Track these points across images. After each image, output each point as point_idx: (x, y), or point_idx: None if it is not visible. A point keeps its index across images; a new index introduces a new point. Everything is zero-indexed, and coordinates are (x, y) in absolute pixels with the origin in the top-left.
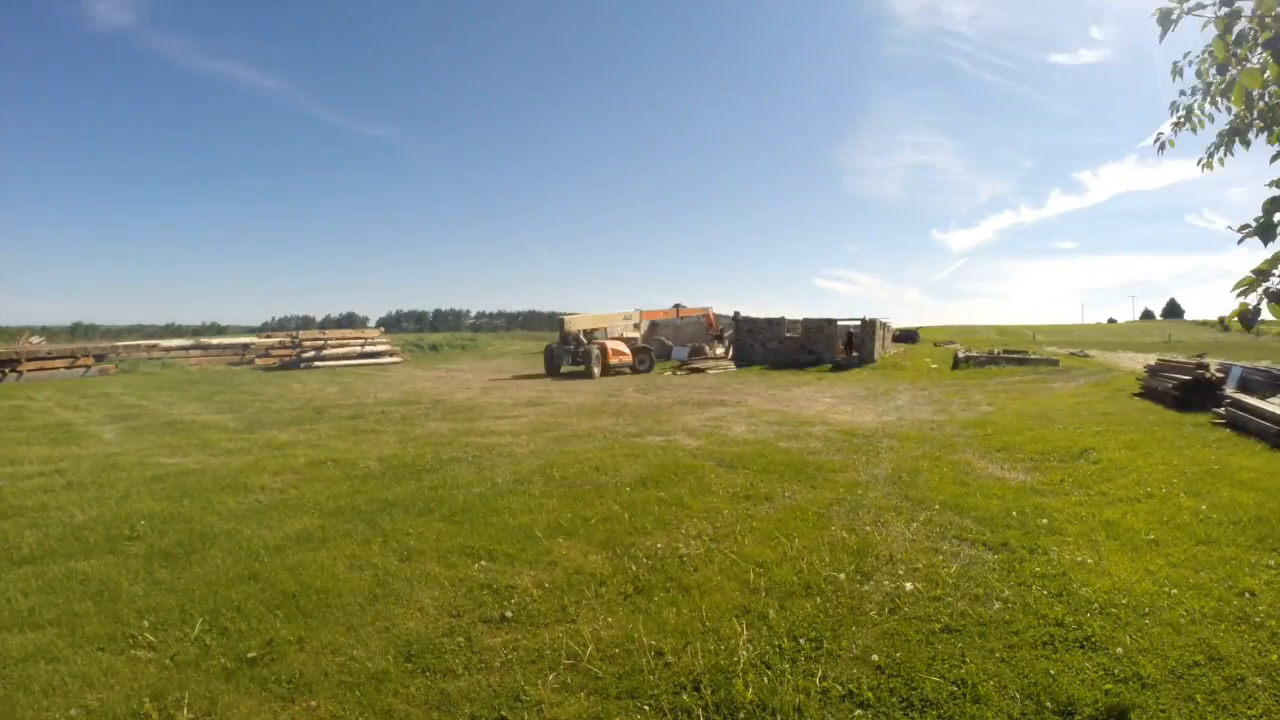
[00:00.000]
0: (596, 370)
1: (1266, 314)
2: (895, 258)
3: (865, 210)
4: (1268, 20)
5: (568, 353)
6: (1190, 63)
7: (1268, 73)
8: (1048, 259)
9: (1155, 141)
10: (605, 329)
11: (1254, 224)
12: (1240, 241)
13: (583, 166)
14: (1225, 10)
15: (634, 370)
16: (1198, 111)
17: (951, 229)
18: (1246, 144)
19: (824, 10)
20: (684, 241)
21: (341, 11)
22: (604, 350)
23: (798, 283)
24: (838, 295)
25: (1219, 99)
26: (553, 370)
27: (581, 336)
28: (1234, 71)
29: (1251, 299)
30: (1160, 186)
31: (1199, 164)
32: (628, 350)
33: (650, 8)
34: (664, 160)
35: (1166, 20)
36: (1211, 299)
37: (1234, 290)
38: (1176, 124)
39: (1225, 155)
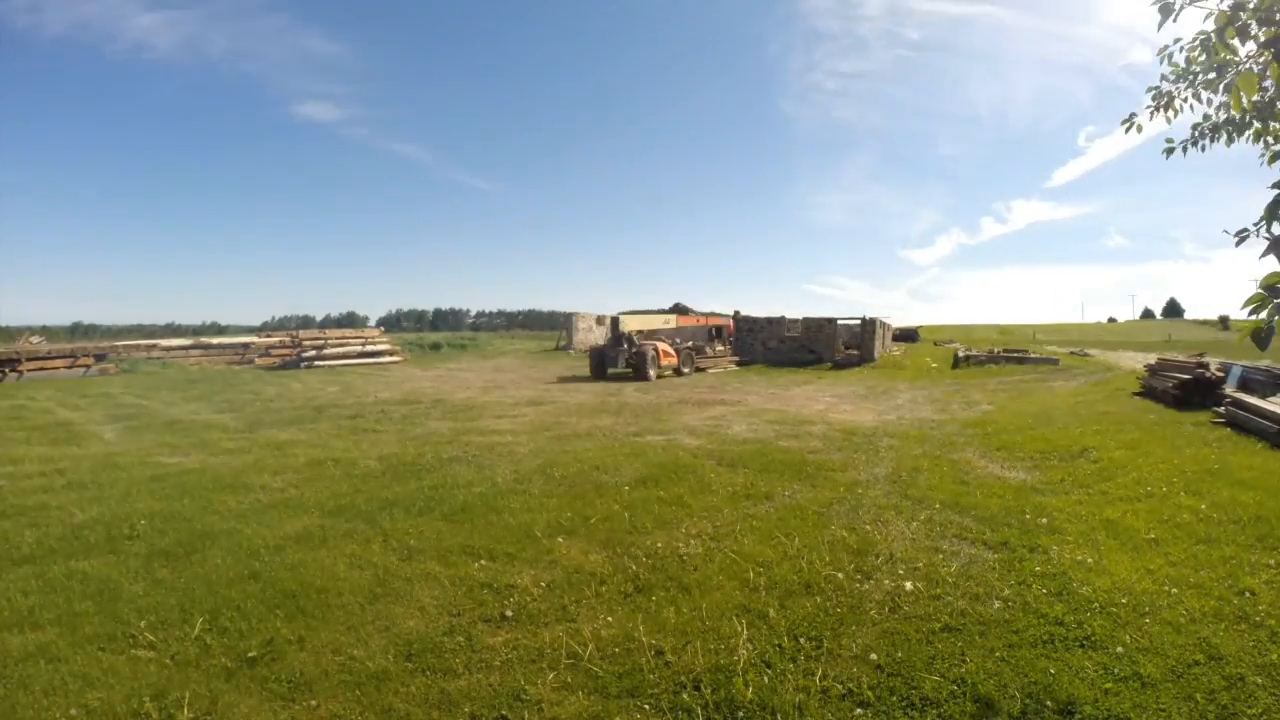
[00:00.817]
0: (652, 373)
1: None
2: (874, 268)
3: (828, 234)
4: (1272, 15)
5: (621, 354)
6: (1181, 49)
7: (1268, 80)
8: (1003, 269)
9: (1125, 122)
10: (655, 330)
11: (1252, 230)
12: (1238, 245)
13: (584, 178)
14: (1229, 3)
15: (677, 373)
16: (1178, 100)
17: (912, 247)
18: (1230, 141)
19: (738, 112)
20: (684, 247)
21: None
22: (657, 352)
23: (791, 289)
24: (831, 299)
25: (1203, 91)
26: (600, 373)
27: (635, 337)
28: (1231, 75)
29: (1264, 315)
30: (1063, 218)
31: (1166, 154)
32: (674, 352)
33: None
34: (662, 175)
35: (1168, 10)
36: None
37: (1244, 308)
38: (1153, 109)
39: (1200, 150)
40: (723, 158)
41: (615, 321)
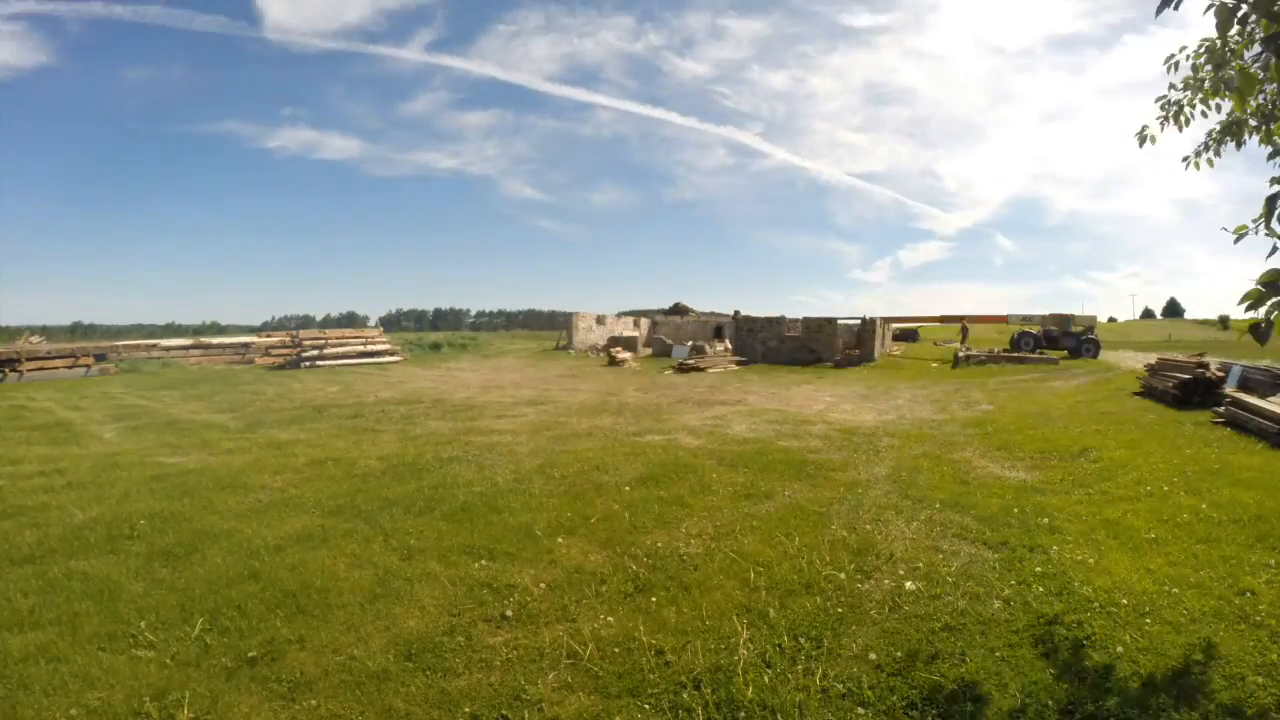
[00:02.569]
0: None
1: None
2: (840, 285)
3: (790, 264)
4: (1270, 7)
5: None
6: (1187, 57)
7: (1269, 82)
8: (933, 285)
9: (1139, 135)
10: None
11: (1252, 226)
12: (1236, 242)
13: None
14: None
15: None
16: (1188, 108)
17: (857, 273)
18: (1240, 143)
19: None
20: (681, 258)
21: None
22: None
23: (782, 298)
24: (814, 307)
25: (1211, 99)
26: None
27: None
28: (1231, 70)
29: (1261, 312)
30: (947, 258)
31: (1184, 163)
32: None
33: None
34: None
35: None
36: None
37: (1241, 304)
38: (1163, 119)
39: (1214, 155)
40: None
41: None
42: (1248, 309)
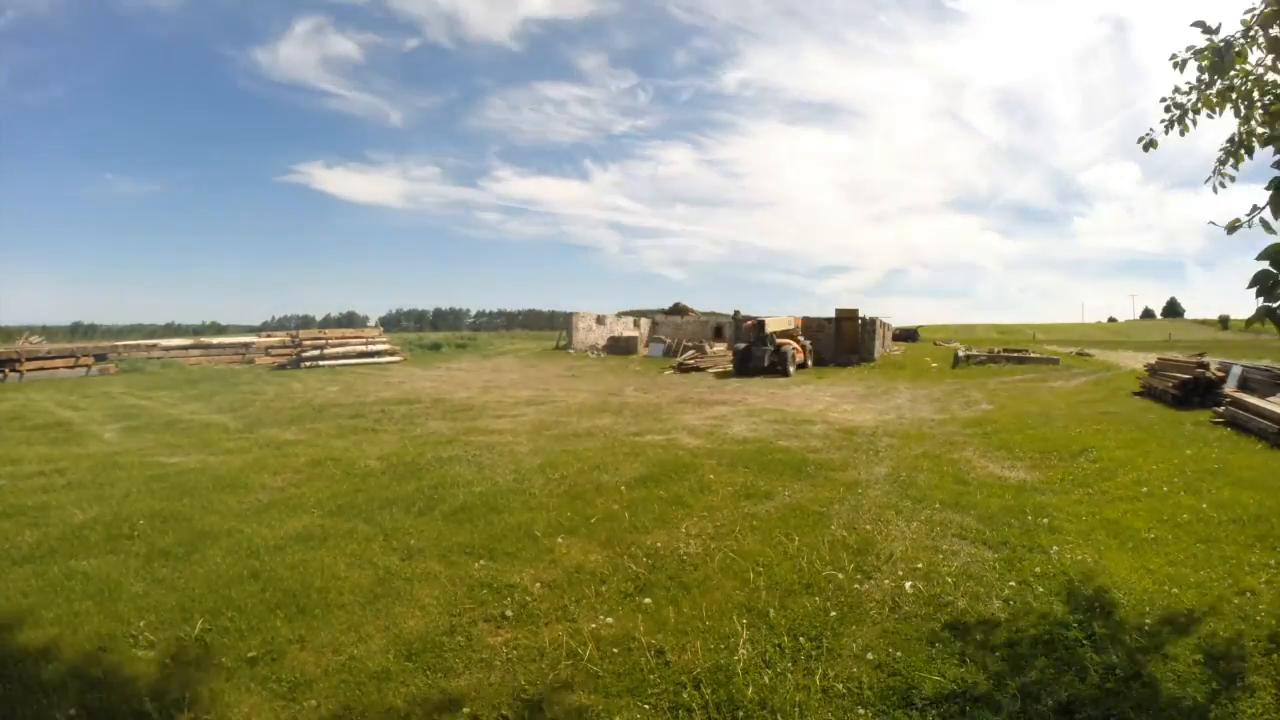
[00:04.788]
0: (792, 369)
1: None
2: (808, 297)
3: (761, 287)
4: None
5: (766, 353)
6: (1194, 56)
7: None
8: (878, 300)
9: (1142, 141)
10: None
11: (1244, 220)
12: (1230, 234)
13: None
14: (1260, 12)
15: (802, 367)
16: (1191, 112)
17: (817, 282)
18: (1250, 151)
19: None
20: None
21: None
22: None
23: (774, 304)
24: (804, 309)
25: (1214, 108)
26: (746, 371)
27: (775, 338)
28: (1260, 93)
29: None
30: (878, 282)
31: (1208, 184)
32: (803, 348)
33: None
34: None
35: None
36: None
37: (1251, 287)
38: (1167, 124)
39: (1234, 168)
40: None
41: (761, 324)
42: (1258, 294)
